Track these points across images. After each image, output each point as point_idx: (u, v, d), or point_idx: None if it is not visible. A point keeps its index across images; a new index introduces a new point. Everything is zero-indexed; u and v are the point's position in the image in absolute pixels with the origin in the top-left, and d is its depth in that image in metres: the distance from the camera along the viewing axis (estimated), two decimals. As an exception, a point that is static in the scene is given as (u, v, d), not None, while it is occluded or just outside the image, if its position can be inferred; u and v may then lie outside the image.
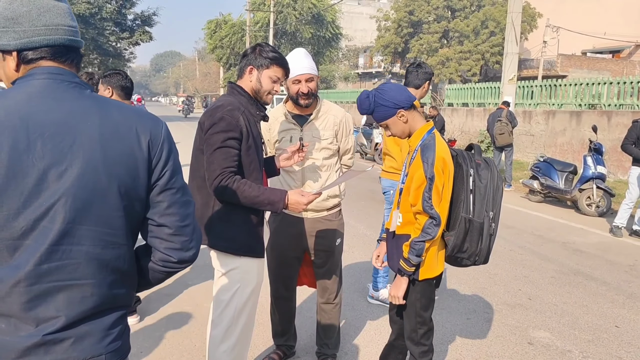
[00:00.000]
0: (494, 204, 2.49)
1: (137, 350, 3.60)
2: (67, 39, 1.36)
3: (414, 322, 2.61)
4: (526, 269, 5.73)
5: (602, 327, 4.30)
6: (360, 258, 5.68)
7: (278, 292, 3.37)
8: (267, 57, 2.53)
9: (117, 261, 1.35)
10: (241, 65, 2.60)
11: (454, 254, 2.52)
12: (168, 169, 1.40)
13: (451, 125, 17.69)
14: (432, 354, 2.68)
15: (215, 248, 2.54)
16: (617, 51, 33.75)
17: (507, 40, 13.44)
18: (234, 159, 2.42)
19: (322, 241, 3.20)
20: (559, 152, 13.73)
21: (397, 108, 2.46)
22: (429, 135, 2.48)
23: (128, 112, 1.38)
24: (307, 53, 3.02)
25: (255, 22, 37.68)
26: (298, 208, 2.50)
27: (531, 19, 30.00)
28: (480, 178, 2.48)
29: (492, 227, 2.50)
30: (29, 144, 1.22)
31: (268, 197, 2.43)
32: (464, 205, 2.47)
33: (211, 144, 2.41)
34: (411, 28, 32.97)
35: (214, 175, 2.39)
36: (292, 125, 3.11)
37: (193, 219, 1.47)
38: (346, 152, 3.28)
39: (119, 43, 32.85)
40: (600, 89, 13.93)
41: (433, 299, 2.65)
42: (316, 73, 3.01)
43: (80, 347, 1.28)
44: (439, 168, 2.37)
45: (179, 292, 4.68)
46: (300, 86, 2.97)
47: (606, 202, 8.68)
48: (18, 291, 1.23)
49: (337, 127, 3.16)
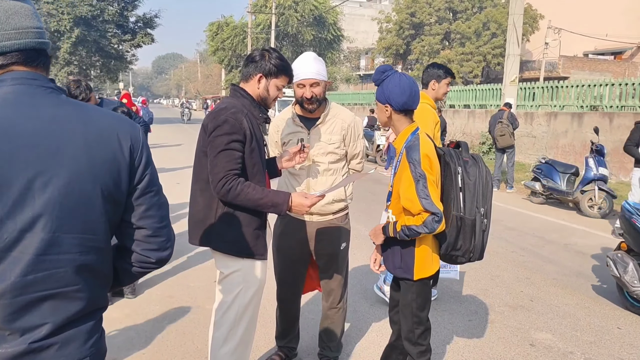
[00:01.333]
0: (484, 200, 2.50)
1: (140, 352, 3.60)
2: (37, 42, 1.32)
3: (410, 322, 2.62)
4: (528, 271, 5.73)
5: (604, 328, 4.30)
6: (362, 260, 5.68)
7: (283, 294, 3.37)
8: (276, 65, 2.56)
9: (100, 265, 1.35)
10: (249, 70, 2.59)
11: (448, 252, 2.55)
12: (148, 173, 1.41)
13: (453, 127, 17.69)
14: (429, 354, 2.68)
15: (219, 250, 2.55)
16: (619, 53, 33.72)
17: (509, 42, 13.45)
18: (238, 162, 2.42)
19: (327, 245, 3.20)
20: (560, 153, 13.72)
21: (386, 102, 2.51)
22: (414, 136, 2.49)
23: (109, 117, 1.37)
24: (318, 58, 3.01)
25: (256, 24, 37.71)
26: (302, 210, 2.51)
27: (533, 20, 30.02)
28: (469, 175, 2.50)
29: (484, 223, 2.51)
30: (11, 153, 1.18)
31: (272, 199, 2.44)
32: (454, 203, 2.48)
33: (215, 146, 2.41)
34: (413, 30, 33.01)
35: (218, 177, 2.39)
36: (300, 128, 3.11)
37: (168, 220, 1.48)
38: (354, 156, 3.26)
39: (121, 45, 32.89)
40: (602, 90, 13.91)
41: (429, 298, 2.65)
42: (323, 78, 2.98)
43: (66, 351, 1.28)
44: (426, 165, 2.39)
45: (181, 294, 4.69)
46: (304, 91, 2.96)
47: (608, 204, 8.67)
48: (2, 304, 1.20)
49: (345, 132, 3.14)
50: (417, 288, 2.57)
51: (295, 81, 2.95)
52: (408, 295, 2.59)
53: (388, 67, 2.57)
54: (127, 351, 3.61)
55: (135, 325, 4.03)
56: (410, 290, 2.58)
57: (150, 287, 4.83)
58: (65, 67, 30.13)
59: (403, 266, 2.56)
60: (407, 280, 2.58)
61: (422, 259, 2.52)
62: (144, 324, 4.07)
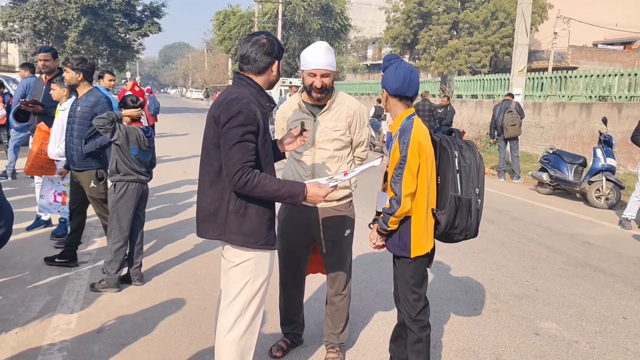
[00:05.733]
0: (478, 181, 2.71)
1: (147, 338, 3.65)
2: None
3: (411, 298, 2.80)
4: (534, 261, 5.73)
5: (610, 318, 4.30)
6: (367, 249, 5.69)
7: (286, 279, 3.40)
8: (281, 47, 2.61)
9: None
10: (264, 63, 2.53)
11: (447, 231, 2.73)
12: None
13: (460, 117, 17.57)
14: (429, 329, 2.85)
15: (233, 243, 2.53)
16: (629, 42, 33.39)
17: (517, 32, 13.35)
18: (253, 153, 2.41)
19: (331, 231, 3.22)
20: (568, 144, 13.64)
21: (384, 87, 2.75)
22: (408, 120, 2.71)
23: None
24: (330, 48, 3.04)
25: (263, 13, 37.56)
26: (316, 200, 2.52)
27: (542, 10, 29.70)
28: (465, 158, 2.70)
29: (478, 203, 2.71)
30: None
31: (288, 190, 2.44)
32: (452, 184, 2.68)
33: (229, 138, 2.37)
34: (420, 19, 32.76)
35: (234, 170, 2.36)
36: (306, 115, 3.14)
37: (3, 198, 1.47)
38: (359, 144, 3.28)
39: (128, 34, 32.80)
40: (611, 80, 13.80)
41: (426, 275, 2.84)
42: (333, 69, 3.03)
43: None
44: (414, 149, 2.58)
45: (188, 281, 4.73)
46: (314, 80, 2.99)
47: (615, 195, 8.63)
48: None
49: (351, 119, 3.16)
50: (414, 266, 2.77)
51: (307, 69, 2.98)
52: (406, 273, 2.78)
53: (394, 56, 2.78)
54: (135, 337, 3.65)
55: (143, 312, 4.07)
56: (408, 267, 2.77)
57: (158, 274, 4.87)
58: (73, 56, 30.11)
59: (401, 244, 2.73)
60: (404, 258, 2.75)
61: (418, 237, 2.70)
62: (151, 310, 4.11)
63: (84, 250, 5.39)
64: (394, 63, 2.72)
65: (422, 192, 2.66)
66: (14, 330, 3.69)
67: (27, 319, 3.87)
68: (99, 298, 4.29)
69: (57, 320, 3.87)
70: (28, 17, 27.69)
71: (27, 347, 3.47)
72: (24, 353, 3.39)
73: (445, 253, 5.65)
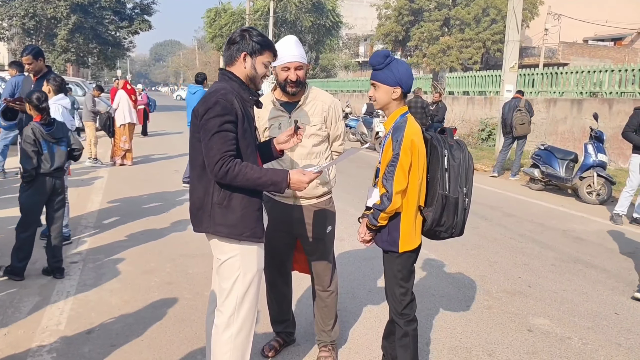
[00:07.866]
0: (466, 181, 2.74)
1: (138, 339, 3.61)
2: None
3: (397, 293, 2.82)
4: (526, 257, 5.74)
5: (602, 314, 4.31)
6: (358, 246, 5.68)
7: (273, 278, 3.39)
8: (259, 42, 2.54)
9: None
10: (231, 52, 2.57)
11: (433, 228, 2.75)
12: None
13: (452, 113, 17.61)
14: (416, 323, 2.87)
15: (217, 234, 2.53)
16: (619, 39, 33.58)
17: (509, 28, 13.35)
18: (233, 143, 2.40)
19: (312, 228, 3.21)
20: (560, 140, 13.69)
21: (397, 84, 2.67)
22: (402, 118, 2.71)
23: None
24: (298, 41, 3.05)
25: (255, 10, 37.43)
26: (300, 187, 2.50)
27: (533, 6, 29.82)
28: (454, 158, 2.73)
29: (465, 202, 2.74)
30: None
31: (271, 177, 2.43)
32: (440, 182, 2.71)
33: (208, 129, 2.38)
34: (412, 16, 32.80)
35: (214, 160, 2.36)
36: (281, 112, 3.12)
37: None
38: (336, 138, 3.29)
39: (118, 32, 32.62)
40: (602, 76, 13.86)
41: (413, 270, 2.86)
42: (305, 62, 3.04)
43: None
44: (406, 147, 2.60)
45: (180, 281, 4.69)
46: (289, 73, 2.98)
47: (607, 190, 8.66)
48: None
49: (326, 113, 3.17)
50: (401, 260, 2.78)
51: (280, 64, 2.97)
52: (394, 267, 2.81)
53: (389, 52, 2.75)
54: (125, 338, 3.62)
55: (134, 312, 4.03)
56: (395, 262, 2.79)
57: (149, 274, 4.83)
58: (63, 55, 29.88)
59: (389, 240, 2.75)
60: (392, 253, 2.77)
61: (407, 233, 2.72)
62: (142, 310, 4.08)
63: (74, 251, 5.35)
64: (396, 59, 2.72)
65: (413, 189, 2.67)
66: (3, 332, 3.65)
67: (16, 320, 3.82)
68: (89, 298, 4.25)
69: (46, 321, 3.83)
70: (17, 15, 27.44)
71: (16, 348, 3.43)
72: (13, 355, 3.35)
73: (438, 250, 5.65)
